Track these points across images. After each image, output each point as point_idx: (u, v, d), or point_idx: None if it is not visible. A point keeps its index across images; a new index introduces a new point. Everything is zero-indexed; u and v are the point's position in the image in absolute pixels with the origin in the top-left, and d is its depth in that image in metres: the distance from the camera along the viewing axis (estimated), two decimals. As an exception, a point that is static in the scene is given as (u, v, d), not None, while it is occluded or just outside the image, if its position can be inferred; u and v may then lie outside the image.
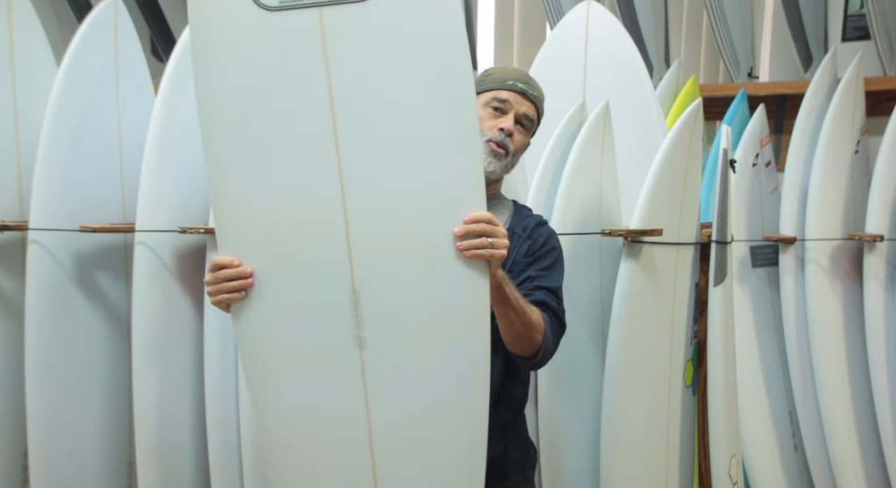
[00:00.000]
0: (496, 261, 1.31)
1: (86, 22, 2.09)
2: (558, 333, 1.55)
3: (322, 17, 1.15)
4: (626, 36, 2.34)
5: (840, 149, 2.64)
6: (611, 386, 1.99)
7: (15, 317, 2.09)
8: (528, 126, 1.65)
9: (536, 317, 1.47)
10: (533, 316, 1.46)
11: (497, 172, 1.62)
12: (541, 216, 1.72)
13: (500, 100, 1.61)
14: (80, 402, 2.10)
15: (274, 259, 1.27)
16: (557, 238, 1.66)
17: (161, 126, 2.05)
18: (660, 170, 1.95)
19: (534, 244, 1.61)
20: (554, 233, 1.66)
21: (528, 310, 1.45)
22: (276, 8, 1.14)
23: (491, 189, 1.64)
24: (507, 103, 1.61)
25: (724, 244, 2.06)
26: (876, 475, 2.59)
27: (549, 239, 1.63)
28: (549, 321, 1.51)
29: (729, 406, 2.08)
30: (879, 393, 2.53)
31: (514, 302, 1.41)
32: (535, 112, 1.65)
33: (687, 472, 2.11)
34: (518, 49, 4.04)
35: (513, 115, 1.61)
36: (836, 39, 3.26)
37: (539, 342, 1.48)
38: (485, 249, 1.28)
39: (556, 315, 1.55)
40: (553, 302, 1.56)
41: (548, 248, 1.61)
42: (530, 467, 1.70)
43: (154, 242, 2.04)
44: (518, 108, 1.62)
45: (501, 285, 1.37)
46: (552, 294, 1.57)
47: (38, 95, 2.11)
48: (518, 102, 1.62)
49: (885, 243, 2.55)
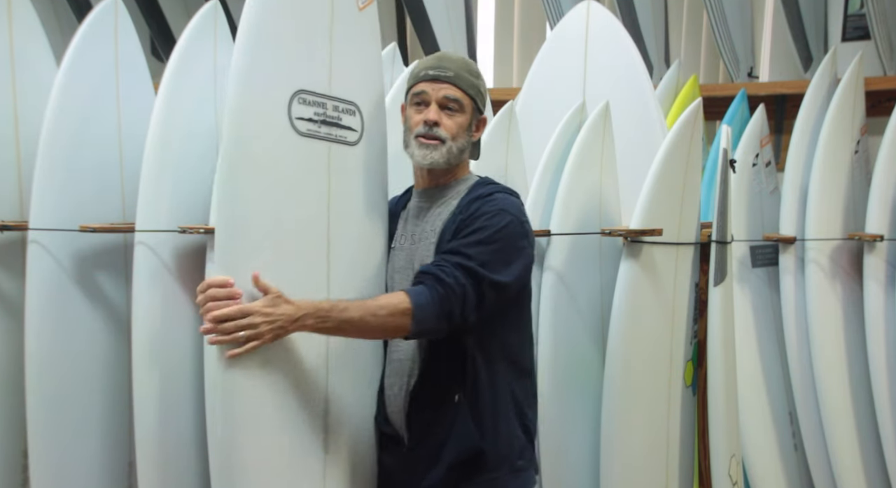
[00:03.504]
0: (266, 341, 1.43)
1: (86, 22, 2.09)
2: (441, 297, 1.49)
3: (330, 149, 1.62)
4: (626, 36, 2.34)
5: (840, 149, 2.64)
6: (611, 386, 1.99)
7: (15, 317, 2.09)
8: (457, 107, 1.63)
9: (389, 311, 1.47)
10: (381, 313, 1.47)
11: (441, 161, 1.62)
12: (495, 189, 1.66)
13: (416, 94, 1.65)
14: (80, 402, 2.09)
15: None
16: (495, 204, 1.60)
17: (161, 126, 2.05)
18: (660, 170, 1.95)
19: (465, 217, 1.60)
20: (489, 202, 1.61)
21: (371, 312, 1.47)
22: (303, 134, 1.57)
23: (446, 177, 1.68)
24: (425, 94, 1.63)
25: (724, 244, 2.06)
26: (876, 475, 2.59)
27: (482, 206, 1.59)
28: (420, 293, 1.49)
29: (729, 406, 2.08)
30: (879, 393, 2.53)
31: (349, 326, 1.47)
32: (457, 90, 1.63)
33: (687, 472, 2.11)
34: (518, 49, 4.04)
35: (434, 104, 1.62)
36: (836, 39, 3.26)
37: (408, 324, 1.48)
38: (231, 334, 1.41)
39: (435, 276, 1.50)
40: (436, 267, 1.52)
41: (479, 215, 1.58)
42: (522, 458, 1.65)
43: (154, 242, 2.04)
44: (436, 95, 1.62)
45: (322, 326, 1.46)
46: (450, 254, 1.54)
47: (38, 95, 2.11)
48: (434, 89, 1.62)
49: (885, 243, 2.55)
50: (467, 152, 1.68)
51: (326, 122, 1.61)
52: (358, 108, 1.67)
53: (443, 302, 1.49)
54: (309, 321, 1.45)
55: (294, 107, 1.55)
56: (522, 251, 1.59)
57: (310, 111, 1.58)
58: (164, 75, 2.07)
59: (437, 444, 1.58)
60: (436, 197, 1.69)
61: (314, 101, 1.59)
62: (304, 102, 1.57)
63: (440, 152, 1.62)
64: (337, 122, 1.63)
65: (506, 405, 1.62)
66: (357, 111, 1.67)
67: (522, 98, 2.42)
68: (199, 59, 2.14)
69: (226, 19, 2.22)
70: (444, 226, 1.63)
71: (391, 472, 1.69)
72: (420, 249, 1.66)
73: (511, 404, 1.63)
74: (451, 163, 1.65)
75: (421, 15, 3.40)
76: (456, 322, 1.51)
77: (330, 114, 1.62)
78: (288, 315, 1.44)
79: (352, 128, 1.66)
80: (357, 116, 1.67)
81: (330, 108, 1.62)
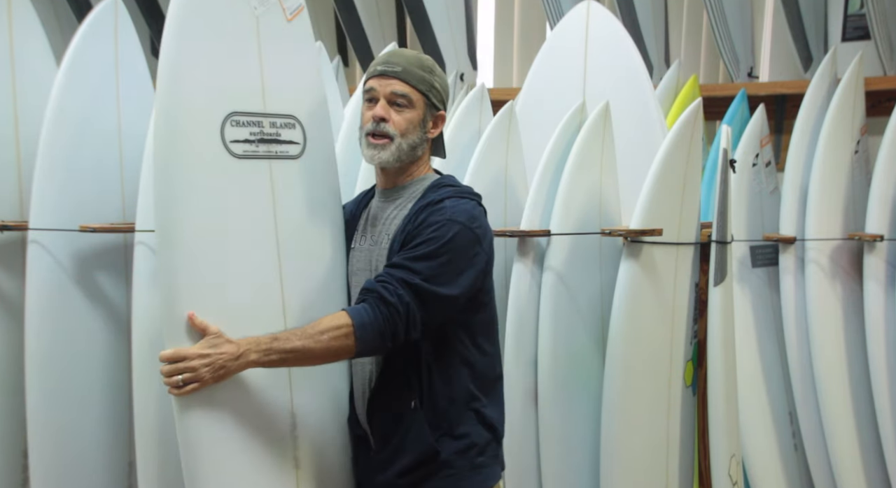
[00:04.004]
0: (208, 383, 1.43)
1: (86, 22, 2.09)
2: (384, 316, 1.47)
3: (271, 166, 1.60)
4: (626, 36, 2.34)
5: (840, 149, 2.64)
6: (611, 386, 1.99)
7: (15, 317, 2.09)
8: (405, 102, 1.59)
9: (331, 335, 1.46)
10: (324, 339, 1.45)
11: (390, 160, 1.59)
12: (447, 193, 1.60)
13: (366, 90, 1.62)
14: (80, 402, 2.10)
15: None
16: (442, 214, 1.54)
17: (161, 126, 2.05)
18: (660, 170, 1.94)
19: (412, 229, 1.56)
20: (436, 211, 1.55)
21: (313, 339, 1.45)
22: (240, 156, 1.54)
23: (403, 177, 1.64)
24: (374, 90, 1.60)
25: (724, 244, 2.06)
26: (876, 475, 2.59)
27: (429, 216, 1.55)
28: (362, 312, 1.47)
29: (729, 406, 2.08)
30: (879, 393, 2.53)
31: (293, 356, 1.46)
32: (404, 86, 1.59)
33: (687, 472, 2.11)
34: (518, 49, 4.04)
35: (382, 100, 1.59)
36: (836, 39, 3.26)
37: (352, 345, 1.46)
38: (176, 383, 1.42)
39: (378, 294, 1.48)
40: (380, 284, 1.49)
41: (425, 226, 1.53)
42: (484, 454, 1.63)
43: (154, 242, 2.04)
44: (384, 91, 1.59)
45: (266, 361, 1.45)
46: (395, 269, 1.51)
47: (38, 95, 2.11)
48: (382, 85, 1.59)
49: (885, 243, 2.55)
50: (421, 149, 1.63)
51: (264, 140, 1.57)
52: (297, 119, 1.63)
53: (386, 321, 1.47)
54: (252, 356, 1.43)
55: (227, 130, 1.52)
56: (473, 259, 1.55)
57: (244, 132, 1.54)
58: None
59: (395, 449, 1.59)
60: (393, 197, 1.66)
61: (248, 121, 1.55)
62: (238, 124, 1.53)
63: (389, 151, 1.58)
64: (276, 138, 1.60)
65: (463, 408, 1.60)
66: (297, 123, 1.64)
67: (522, 98, 2.42)
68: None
69: None
70: (395, 232, 1.60)
71: (363, 472, 1.69)
72: (376, 251, 1.64)
73: (469, 407, 1.60)
74: (403, 160, 1.61)
75: (421, 15, 3.41)
76: (401, 340, 1.50)
77: (267, 131, 1.58)
78: (229, 354, 1.42)
79: (293, 142, 1.63)
80: (298, 128, 1.64)
81: (267, 126, 1.58)
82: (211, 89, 1.51)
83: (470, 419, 1.60)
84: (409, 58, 1.62)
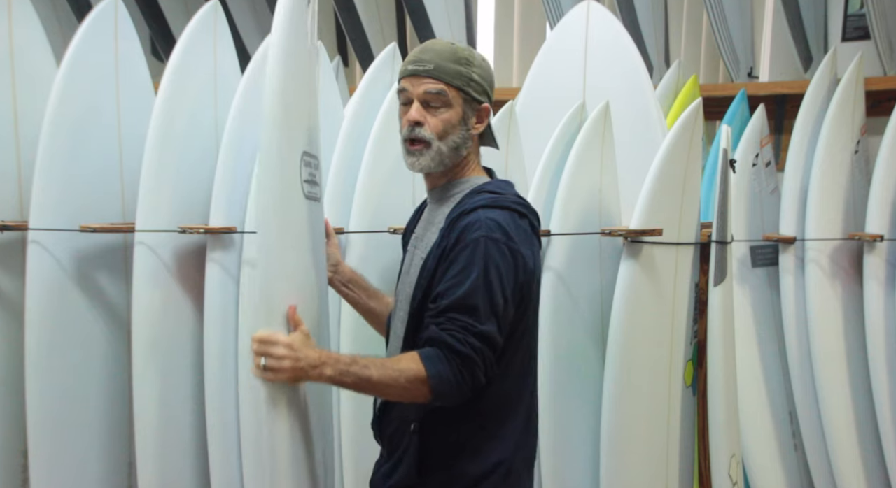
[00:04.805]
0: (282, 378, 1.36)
1: (86, 22, 2.09)
2: (460, 368, 1.39)
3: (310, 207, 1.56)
4: (626, 36, 2.34)
5: (840, 149, 2.64)
6: (611, 386, 1.99)
7: (15, 317, 2.09)
8: (440, 102, 1.49)
9: (407, 378, 1.37)
10: (400, 379, 1.37)
11: (431, 166, 1.51)
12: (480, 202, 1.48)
13: (399, 91, 1.54)
14: (80, 402, 2.10)
15: None
16: (479, 226, 1.43)
17: (161, 126, 2.05)
18: (660, 170, 1.95)
19: (447, 246, 1.46)
20: (473, 224, 1.44)
21: (390, 376, 1.37)
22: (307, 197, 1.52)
23: (448, 176, 1.56)
24: (406, 92, 1.51)
25: (724, 244, 2.06)
26: (876, 475, 2.59)
27: (462, 233, 1.44)
28: (436, 362, 1.38)
29: (729, 406, 2.08)
30: (879, 393, 2.52)
31: (367, 385, 1.38)
32: (438, 84, 1.48)
33: (687, 472, 2.11)
34: (518, 49, 4.04)
35: (416, 103, 1.50)
36: (836, 39, 3.26)
37: (427, 393, 1.39)
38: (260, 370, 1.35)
39: (450, 347, 1.39)
40: (447, 333, 1.39)
41: (460, 248, 1.43)
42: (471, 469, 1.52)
43: (154, 242, 2.04)
44: (416, 91, 1.49)
45: (339, 380, 1.38)
46: (454, 312, 1.40)
47: (38, 95, 2.11)
48: (414, 85, 1.50)
49: (885, 243, 2.55)
50: (465, 148, 1.53)
51: (313, 182, 1.56)
52: (319, 159, 1.61)
53: (463, 373, 1.39)
54: (328, 371, 1.36)
55: (302, 170, 1.48)
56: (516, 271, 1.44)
57: (307, 172, 1.51)
58: (165, 75, 2.07)
59: (395, 464, 1.57)
60: (440, 199, 1.59)
61: (309, 161, 1.51)
62: (307, 165, 1.50)
63: (427, 157, 1.50)
64: (314, 179, 1.56)
65: (461, 446, 1.51)
66: (319, 163, 1.61)
67: (522, 98, 2.42)
68: (199, 59, 2.14)
69: (226, 19, 2.22)
70: (429, 252, 1.51)
71: (375, 475, 1.68)
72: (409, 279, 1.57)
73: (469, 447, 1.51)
74: (447, 164, 1.52)
75: (421, 15, 3.40)
76: (480, 385, 1.42)
77: (313, 172, 1.56)
78: (311, 359, 1.36)
79: (317, 183, 1.60)
80: (319, 169, 1.61)
81: (314, 166, 1.56)
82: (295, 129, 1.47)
83: (466, 459, 1.51)
84: (440, 52, 1.51)
